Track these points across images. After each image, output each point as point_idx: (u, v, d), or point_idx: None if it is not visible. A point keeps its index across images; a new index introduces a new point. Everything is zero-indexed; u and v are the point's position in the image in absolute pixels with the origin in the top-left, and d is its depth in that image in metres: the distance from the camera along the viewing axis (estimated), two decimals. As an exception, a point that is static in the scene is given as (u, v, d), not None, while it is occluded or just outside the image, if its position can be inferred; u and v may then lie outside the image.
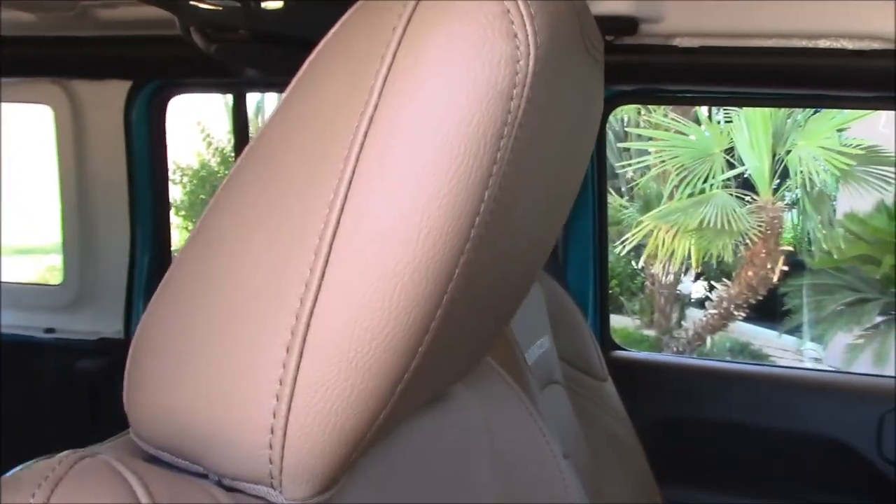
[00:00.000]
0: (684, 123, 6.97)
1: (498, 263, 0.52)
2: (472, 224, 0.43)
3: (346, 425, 0.44)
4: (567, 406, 1.62)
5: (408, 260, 0.42)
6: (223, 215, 0.47)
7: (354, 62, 0.44)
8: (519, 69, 0.42)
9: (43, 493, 0.39)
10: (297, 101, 0.46)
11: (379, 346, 0.43)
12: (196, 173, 8.71)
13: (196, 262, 0.47)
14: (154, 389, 0.47)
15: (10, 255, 7.93)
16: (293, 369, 0.43)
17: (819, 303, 7.22)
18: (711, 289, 7.82)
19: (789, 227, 7.57)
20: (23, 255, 8.21)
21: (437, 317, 0.45)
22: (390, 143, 0.42)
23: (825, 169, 6.63)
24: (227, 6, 1.23)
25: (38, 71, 2.14)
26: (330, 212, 0.42)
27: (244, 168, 0.47)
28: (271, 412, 0.43)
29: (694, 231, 6.80)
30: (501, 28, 0.41)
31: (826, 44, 1.62)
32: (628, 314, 8.40)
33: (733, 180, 6.98)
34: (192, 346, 0.45)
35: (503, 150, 0.43)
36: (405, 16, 0.43)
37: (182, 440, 0.46)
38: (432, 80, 0.41)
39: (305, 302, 0.42)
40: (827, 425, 1.97)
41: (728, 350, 7.80)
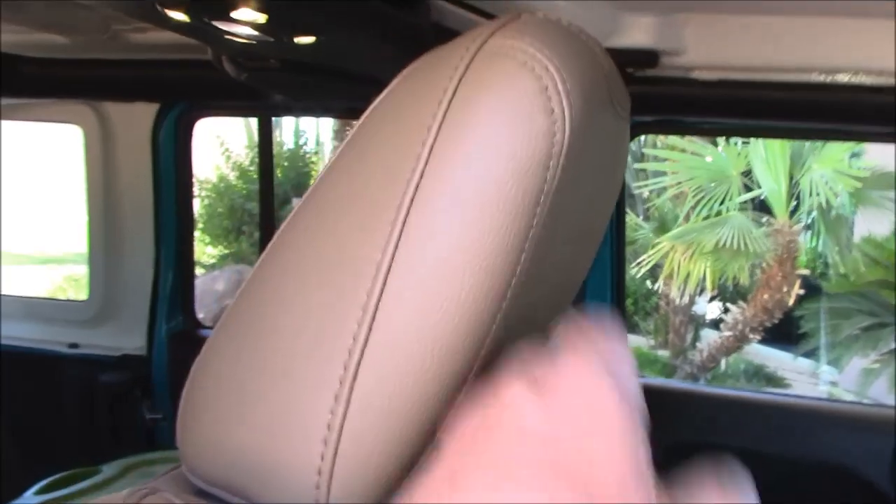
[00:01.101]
0: (701, 145, 6.99)
1: (530, 313, 0.55)
2: (510, 284, 0.47)
3: (389, 464, 0.47)
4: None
5: (449, 317, 0.45)
6: (280, 263, 0.50)
7: (404, 130, 0.47)
8: (555, 142, 0.45)
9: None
10: (351, 163, 0.49)
11: (422, 395, 0.46)
12: (215, 187, 8.79)
13: (252, 306, 0.50)
14: (207, 427, 0.50)
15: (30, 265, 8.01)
16: (341, 415, 0.46)
17: (835, 326, 7.20)
18: (726, 310, 7.81)
19: (806, 251, 7.57)
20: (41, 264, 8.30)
21: (474, 368, 0.48)
22: (436, 207, 0.45)
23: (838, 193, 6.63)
24: (260, 40, 1.26)
25: (70, 92, 2.19)
26: (378, 270, 0.46)
27: (298, 220, 0.50)
28: (320, 454, 0.46)
29: (710, 252, 6.81)
30: (540, 104, 0.45)
31: (844, 79, 1.65)
32: (642, 334, 8.39)
33: (750, 203, 6.98)
34: (245, 388, 0.49)
35: (539, 216, 0.46)
36: (451, 89, 0.46)
37: (233, 477, 0.49)
38: (475, 152, 0.45)
39: (354, 353, 0.46)
40: (841, 455, 1.98)
41: (742, 372, 7.78)
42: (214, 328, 0.52)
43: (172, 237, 2.40)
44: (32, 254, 8.46)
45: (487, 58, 0.46)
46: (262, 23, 1.18)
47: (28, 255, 8.31)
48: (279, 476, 0.47)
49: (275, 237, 0.51)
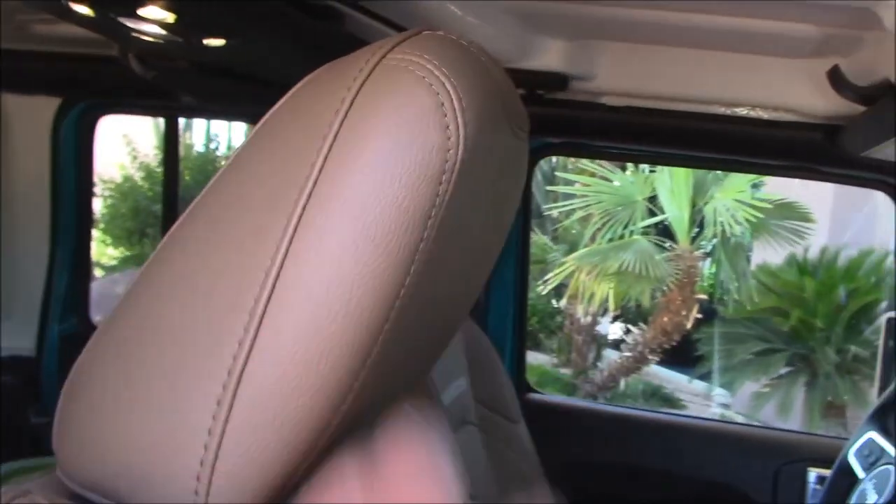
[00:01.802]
0: (610, 170, 7.15)
1: (421, 325, 0.55)
2: (398, 294, 0.47)
3: (270, 474, 0.47)
4: (479, 447, 1.65)
5: (336, 326, 0.45)
6: (166, 267, 0.49)
7: (300, 138, 0.47)
8: (448, 157, 0.46)
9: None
10: (245, 168, 0.49)
11: (304, 404, 0.46)
12: (119, 187, 8.55)
13: (139, 307, 0.49)
14: (85, 430, 0.49)
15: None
16: (223, 421, 0.45)
17: (730, 351, 7.43)
18: (628, 332, 7.99)
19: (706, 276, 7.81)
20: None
21: (360, 377, 0.48)
22: (327, 217, 0.45)
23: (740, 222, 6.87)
24: (168, 39, 1.24)
25: (-35, 81, 2.11)
26: (266, 276, 0.45)
27: (189, 224, 0.50)
28: (199, 460, 0.46)
29: (613, 274, 6.96)
30: (435, 120, 0.45)
31: (743, 112, 1.72)
32: (546, 352, 8.50)
33: (654, 228, 7.17)
34: (126, 390, 0.48)
35: (430, 229, 0.47)
36: (348, 99, 0.46)
37: (110, 482, 0.48)
38: (369, 163, 0.45)
39: (238, 359, 0.45)
40: (728, 474, 2.05)
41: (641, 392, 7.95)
42: (99, 328, 0.51)
43: (70, 236, 2.32)
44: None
45: (386, 71, 0.47)
46: (171, 22, 1.16)
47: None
48: (157, 480, 0.47)
49: (165, 238, 0.50)
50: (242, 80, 1.58)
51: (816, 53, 1.50)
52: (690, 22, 1.46)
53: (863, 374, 6.56)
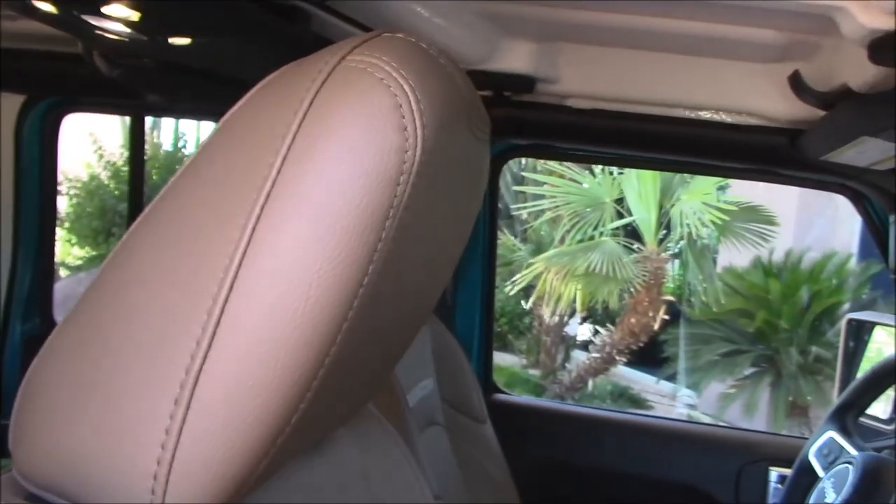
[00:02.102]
0: (578, 172, 7.20)
1: (380, 325, 0.56)
2: (356, 294, 0.47)
3: (228, 473, 0.47)
4: (446, 447, 1.66)
5: (295, 325, 0.46)
6: (125, 265, 0.49)
7: (259, 138, 0.47)
8: (406, 158, 0.46)
9: None
10: (205, 166, 0.49)
11: (263, 403, 0.46)
12: (85, 185, 8.45)
13: (96, 306, 0.49)
14: (41, 430, 0.49)
15: None
16: (180, 420, 0.45)
17: (696, 352, 7.51)
18: (596, 333, 8.04)
19: (673, 278, 7.88)
20: None
21: (318, 376, 0.48)
22: (285, 217, 0.45)
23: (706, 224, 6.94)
24: (132, 38, 1.23)
25: (-76, 78, 2.08)
26: (224, 276, 0.45)
27: (147, 223, 0.50)
28: (156, 459, 0.46)
29: (581, 276, 7.00)
30: (392, 121, 0.46)
31: (707, 116, 1.74)
32: (515, 353, 8.53)
33: (622, 229, 7.22)
34: (83, 390, 0.48)
35: (388, 230, 0.47)
36: (307, 100, 0.47)
37: (66, 482, 0.48)
38: (327, 164, 0.45)
39: (196, 357, 0.45)
40: (691, 475, 2.07)
41: (609, 393, 8.01)
42: (56, 327, 0.51)
43: (33, 236, 2.29)
44: None
45: (345, 72, 0.47)
46: (136, 21, 1.15)
47: None
48: (114, 480, 0.46)
49: (123, 238, 0.50)
50: (208, 79, 1.57)
51: (778, 58, 1.52)
52: (656, 26, 1.48)
53: (825, 375, 6.66)
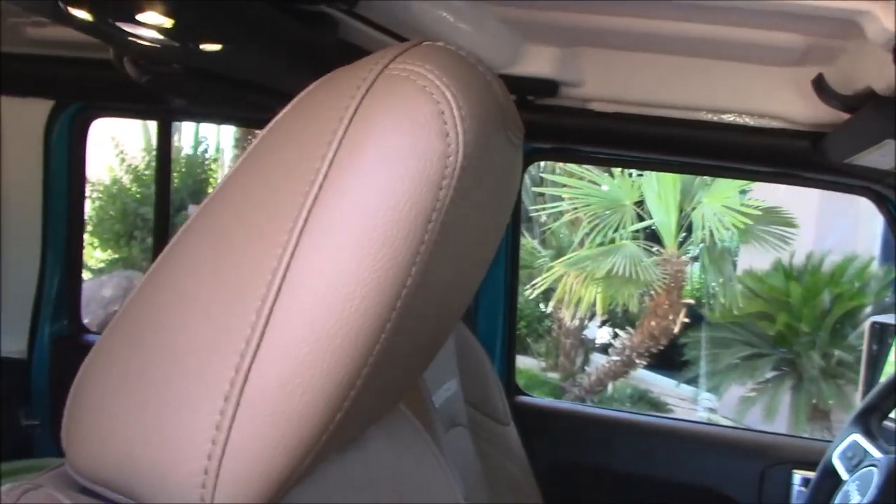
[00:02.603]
0: (597, 174, 7.18)
1: (420, 324, 0.57)
2: (399, 295, 0.49)
3: (276, 469, 0.49)
4: (470, 448, 1.67)
5: (340, 325, 0.47)
6: (176, 266, 0.51)
7: (305, 144, 0.49)
8: (448, 164, 0.48)
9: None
10: (252, 173, 0.51)
11: (310, 401, 0.48)
12: (107, 189, 8.52)
13: (147, 305, 0.51)
14: (93, 426, 0.50)
15: None
16: (230, 417, 0.47)
17: (716, 355, 7.47)
18: (615, 336, 8.01)
19: (692, 281, 7.85)
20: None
21: (363, 375, 0.50)
22: (331, 221, 0.47)
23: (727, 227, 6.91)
24: (164, 44, 1.26)
25: (-41, 83, 2.11)
26: (273, 277, 0.47)
27: (197, 225, 0.51)
28: (206, 455, 0.47)
29: (601, 279, 6.98)
30: (435, 128, 0.48)
31: (729, 119, 1.74)
32: (535, 356, 8.53)
33: (641, 232, 7.20)
34: (134, 387, 0.49)
35: (430, 233, 0.49)
36: (352, 107, 0.48)
37: (118, 476, 0.49)
38: (372, 170, 0.47)
39: (246, 356, 0.47)
40: (715, 477, 2.07)
41: (628, 397, 7.99)
42: (107, 326, 0.52)
43: (61, 239, 2.33)
44: None
45: (388, 80, 0.49)
46: (168, 27, 1.17)
47: None
48: (165, 475, 0.48)
49: (173, 239, 0.52)
50: (235, 85, 1.60)
51: (801, 62, 1.53)
52: (678, 30, 1.48)
53: (847, 378, 6.61)
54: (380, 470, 0.78)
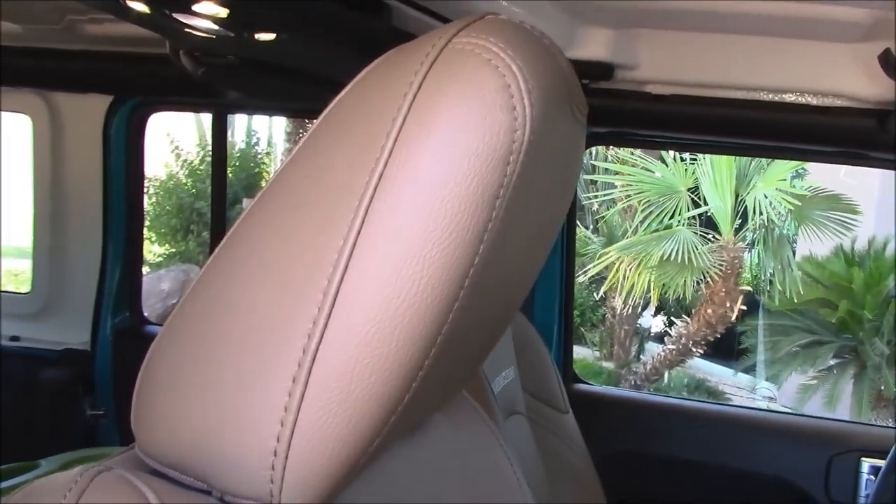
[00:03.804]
0: (650, 161, 7.10)
1: (486, 305, 0.56)
2: (467, 273, 0.48)
3: (343, 451, 0.48)
4: (528, 436, 1.66)
5: (408, 304, 0.46)
6: (240, 249, 0.51)
7: (369, 121, 0.48)
8: (516, 138, 0.47)
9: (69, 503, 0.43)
10: (316, 151, 0.50)
11: (377, 382, 0.47)
12: (163, 184, 8.68)
13: (212, 292, 0.51)
14: (163, 409, 0.50)
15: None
16: (298, 398, 0.47)
17: (775, 343, 7.36)
18: (671, 324, 7.93)
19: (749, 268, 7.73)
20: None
21: (430, 355, 0.49)
22: (397, 199, 0.46)
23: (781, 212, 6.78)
24: (220, 35, 1.26)
25: (21, 81, 2.16)
26: (339, 257, 0.46)
27: (261, 207, 0.51)
28: (275, 436, 0.47)
29: (655, 266, 6.91)
30: (502, 102, 0.46)
31: (791, 98, 1.70)
32: (588, 345, 8.48)
33: (697, 219, 7.11)
34: (203, 370, 0.49)
35: (498, 209, 0.48)
36: (416, 83, 0.47)
37: (188, 458, 0.49)
38: (438, 146, 0.46)
39: (313, 337, 0.47)
40: (778, 465, 2.03)
41: (685, 386, 7.91)
42: (173, 311, 0.52)
43: (121, 232, 2.37)
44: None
45: (452, 54, 0.48)
46: (223, 17, 1.18)
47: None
48: (233, 457, 0.48)
49: (238, 221, 0.52)
50: (289, 76, 1.61)
51: (867, 37, 1.48)
52: (737, 8, 1.45)
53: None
54: (444, 457, 0.77)
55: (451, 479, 0.77)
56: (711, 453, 2.09)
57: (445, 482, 0.76)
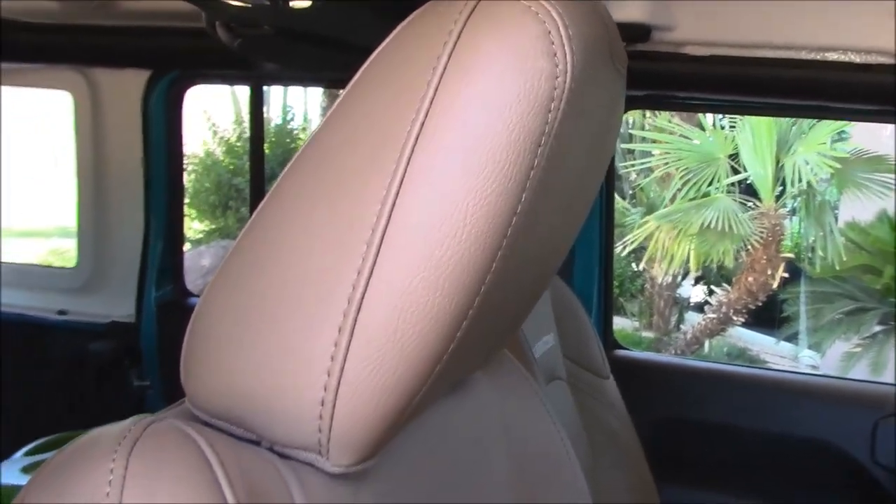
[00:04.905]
0: (688, 128, 7.01)
1: (527, 259, 0.56)
2: (510, 223, 0.48)
3: (389, 402, 0.49)
4: (570, 402, 1.66)
5: (451, 253, 0.47)
6: (282, 204, 0.51)
7: (408, 74, 0.48)
8: (557, 85, 0.47)
9: (123, 453, 0.44)
10: (354, 104, 0.50)
11: (423, 330, 0.48)
12: (201, 161, 8.75)
13: (256, 245, 0.51)
14: (212, 362, 0.51)
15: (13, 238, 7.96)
16: (344, 348, 0.47)
17: (818, 311, 7.26)
18: (711, 293, 7.86)
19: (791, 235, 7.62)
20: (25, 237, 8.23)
21: (474, 305, 0.49)
22: (439, 148, 0.46)
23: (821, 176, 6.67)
24: (255, 4, 1.27)
25: (60, 58, 2.19)
26: (382, 207, 0.47)
27: (303, 161, 0.51)
28: (322, 386, 0.48)
29: (695, 234, 6.84)
30: (542, 48, 0.46)
31: (834, 56, 1.66)
32: (627, 316, 8.44)
33: (736, 186, 7.02)
34: (250, 323, 0.50)
35: (540, 157, 0.48)
36: (456, 31, 0.47)
37: (237, 409, 0.50)
38: (479, 93, 0.46)
39: (357, 288, 0.47)
40: (823, 429, 2.01)
41: (726, 355, 7.85)
42: (219, 267, 0.53)
43: (162, 206, 2.40)
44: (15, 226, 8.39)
45: (491, 3, 0.48)
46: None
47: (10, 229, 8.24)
48: (283, 406, 0.49)
49: (280, 177, 0.52)
50: (324, 45, 1.61)
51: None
52: (778, -36, 1.42)
53: (960, 332, 6.36)
54: (487, 415, 0.78)
55: (495, 439, 0.77)
56: (755, 417, 2.08)
57: (489, 442, 0.76)
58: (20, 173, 8.19)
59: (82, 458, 0.45)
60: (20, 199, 8.40)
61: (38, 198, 8.26)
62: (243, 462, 0.47)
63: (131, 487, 0.43)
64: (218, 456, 0.45)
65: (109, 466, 0.43)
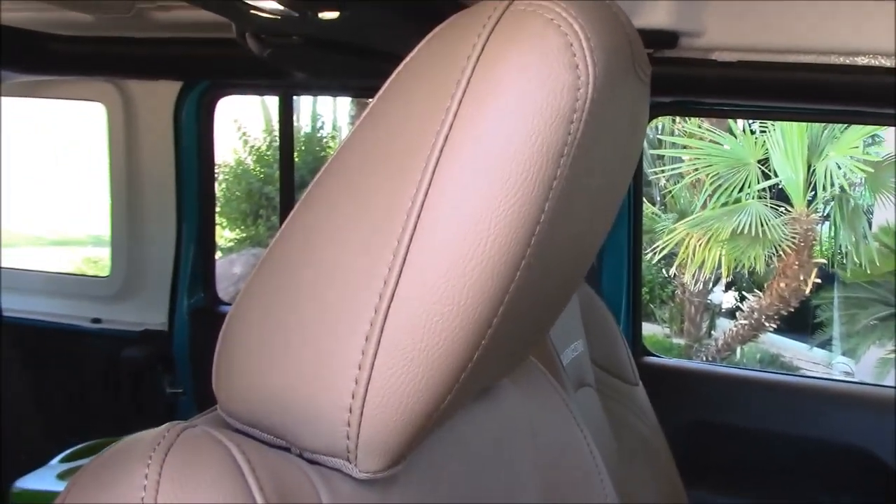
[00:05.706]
0: (718, 133, 6.96)
1: (552, 267, 0.57)
2: (533, 231, 0.49)
3: (416, 408, 0.50)
4: (598, 409, 1.66)
5: (476, 262, 0.48)
6: (312, 213, 0.52)
7: (434, 85, 0.49)
8: (579, 96, 0.47)
9: (157, 458, 0.45)
10: (381, 115, 0.52)
11: (448, 338, 0.49)
12: (232, 170, 8.82)
13: (286, 254, 0.53)
14: (243, 370, 0.53)
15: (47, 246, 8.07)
16: (371, 355, 0.48)
17: (851, 316, 7.17)
18: (742, 299, 7.79)
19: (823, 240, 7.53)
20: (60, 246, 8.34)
21: (499, 313, 0.50)
22: (463, 159, 0.47)
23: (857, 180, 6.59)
24: (284, 15, 1.29)
25: (94, 70, 2.22)
26: (408, 216, 0.48)
27: (333, 171, 0.53)
28: (350, 393, 0.49)
29: (726, 240, 6.78)
30: (564, 60, 0.47)
31: (864, 61, 1.65)
32: (658, 322, 8.39)
33: (768, 191, 6.95)
34: (279, 331, 0.51)
35: (563, 167, 0.48)
36: (479, 44, 0.48)
37: (267, 416, 0.52)
38: (502, 105, 0.47)
39: (384, 296, 0.48)
40: (852, 435, 1.99)
41: (758, 361, 7.77)
42: (250, 276, 0.54)
43: (194, 215, 2.43)
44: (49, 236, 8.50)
45: (515, 15, 0.48)
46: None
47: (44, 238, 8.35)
48: (312, 413, 0.50)
49: (310, 186, 0.53)
50: (353, 54, 1.62)
51: (944, -6, 1.43)
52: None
53: None
54: (513, 422, 0.78)
55: (522, 446, 0.78)
56: (785, 423, 2.07)
57: (515, 449, 0.77)
58: (55, 183, 8.31)
59: (119, 463, 0.46)
60: (55, 209, 8.53)
61: (72, 207, 8.38)
62: (273, 467, 0.48)
63: (165, 491, 0.44)
64: (249, 461, 0.46)
65: (144, 471, 0.45)
